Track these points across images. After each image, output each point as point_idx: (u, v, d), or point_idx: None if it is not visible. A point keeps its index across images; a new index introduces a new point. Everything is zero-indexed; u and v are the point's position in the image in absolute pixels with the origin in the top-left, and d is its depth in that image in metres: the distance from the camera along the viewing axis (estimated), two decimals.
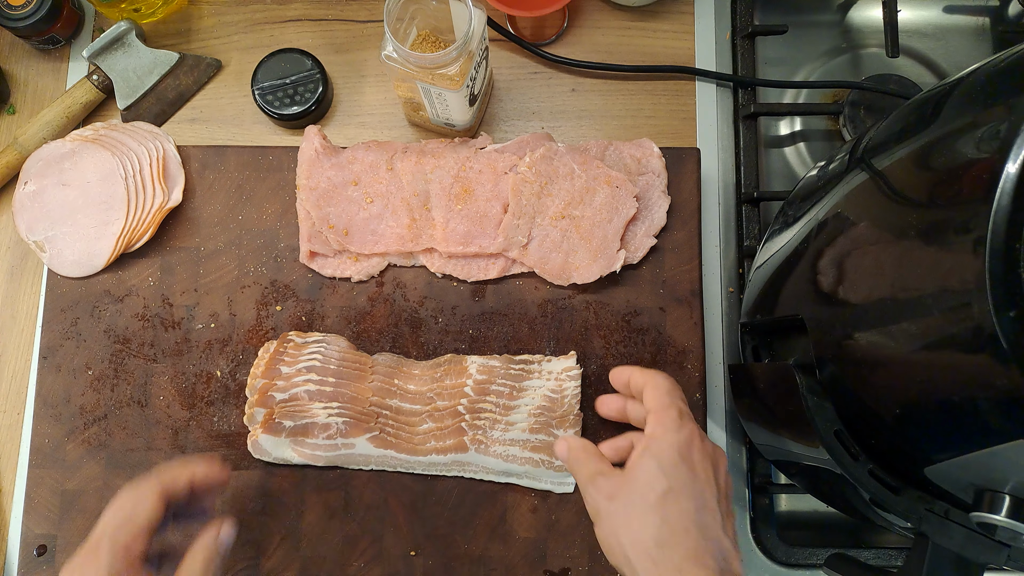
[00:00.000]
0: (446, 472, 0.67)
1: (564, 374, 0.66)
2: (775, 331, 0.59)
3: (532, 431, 0.66)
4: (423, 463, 0.66)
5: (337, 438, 0.65)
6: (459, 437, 0.66)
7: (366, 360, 0.67)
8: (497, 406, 0.66)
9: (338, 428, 0.65)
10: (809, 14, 0.82)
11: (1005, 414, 0.38)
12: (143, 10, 0.75)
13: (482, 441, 0.66)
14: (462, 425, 0.66)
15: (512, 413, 0.66)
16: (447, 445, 0.66)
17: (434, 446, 0.66)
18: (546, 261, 0.69)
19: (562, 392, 0.66)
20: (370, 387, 0.66)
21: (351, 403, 0.66)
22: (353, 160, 0.70)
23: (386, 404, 0.67)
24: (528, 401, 0.66)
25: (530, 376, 0.67)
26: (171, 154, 0.72)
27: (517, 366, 0.67)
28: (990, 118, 0.39)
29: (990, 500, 0.42)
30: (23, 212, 0.71)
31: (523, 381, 0.66)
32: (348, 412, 0.66)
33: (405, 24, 0.65)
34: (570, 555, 0.67)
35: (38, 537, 0.67)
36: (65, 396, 0.69)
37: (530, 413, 0.66)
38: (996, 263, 0.35)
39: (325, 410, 0.65)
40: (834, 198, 0.51)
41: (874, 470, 0.47)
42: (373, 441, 0.66)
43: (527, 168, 0.68)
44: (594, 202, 0.68)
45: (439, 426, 0.66)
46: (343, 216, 0.69)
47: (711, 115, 0.76)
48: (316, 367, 0.66)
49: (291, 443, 0.66)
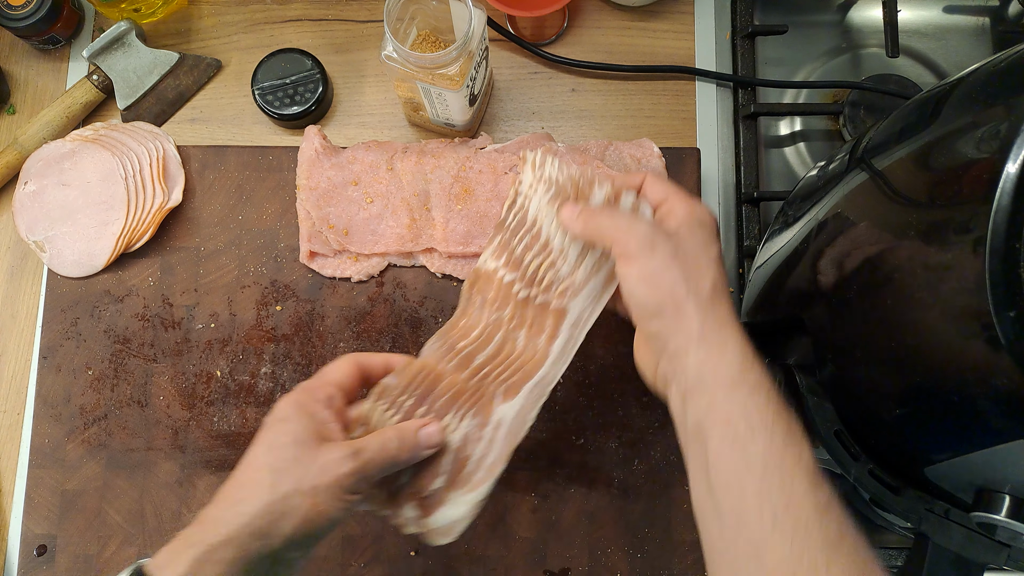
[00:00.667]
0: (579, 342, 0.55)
1: (538, 172, 0.56)
2: (775, 331, 0.59)
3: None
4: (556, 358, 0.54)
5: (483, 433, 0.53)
6: (548, 311, 0.55)
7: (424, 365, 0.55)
8: (539, 255, 0.55)
9: (473, 426, 0.53)
10: (809, 14, 0.82)
11: (1005, 414, 0.38)
12: (143, 10, 0.75)
13: (567, 289, 0.54)
14: (538, 302, 0.55)
15: (553, 241, 0.55)
16: (551, 326, 0.54)
17: (545, 337, 0.54)
18: None
19: (553, 180, 0.55)
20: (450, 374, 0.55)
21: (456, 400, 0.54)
22: (353, 160, 0.70)
23: (478, 365, 0.55)
24: (549, 221, 0.55)
25: (527, 207, 0.56)
26: (171, 154, 0.72)
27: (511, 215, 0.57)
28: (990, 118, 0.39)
29: (990, 500, 0.42)
30: (23, 212, 0.71)
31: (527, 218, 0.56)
32: (463, 408, 0.53)
33: (405, 24, 0.65)
34: (570, 555, 0.67)
35: (38, 537, 0.67)
36: (65, 396, 0.69)
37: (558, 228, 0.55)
38: (996, 263, 0.35)
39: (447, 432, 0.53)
40: (834, 198, 0.51)
41: (874, 470, 0.47)
42: (507, 397, 0.54)
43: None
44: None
45: (528, 324, 0.55)
46: (343, 216, 0.69)
47: (711, 115, 0.76)
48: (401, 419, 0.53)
49: (462, 491, 0.52)
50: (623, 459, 0.68)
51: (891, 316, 0.43)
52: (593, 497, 0.68)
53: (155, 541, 0.67)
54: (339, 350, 0.69)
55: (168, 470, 0.68)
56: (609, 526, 0.67)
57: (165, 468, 0.68)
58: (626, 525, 0.67)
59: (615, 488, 0.68)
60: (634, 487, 0.68)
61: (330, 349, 0.69)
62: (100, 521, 0.67)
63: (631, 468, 0.68)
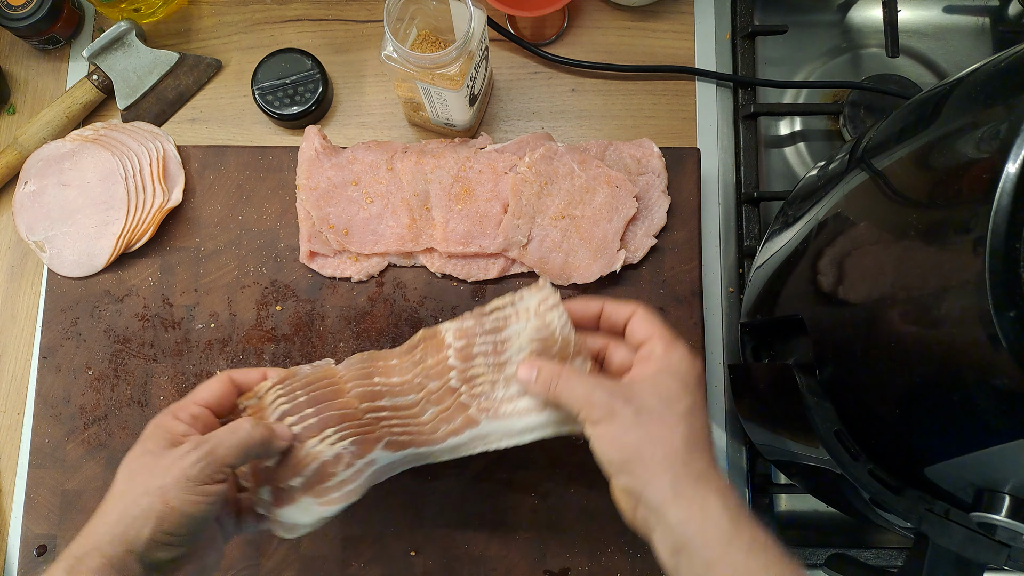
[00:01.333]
0: (471, 451, 0.59)
1: (542, 308, 0.58)
2: (775, 331, 0.59)
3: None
4: (446, 449, 0.59)
5: (355, 462, 0.56)
6: (464, 412, 0.58)
7: (333, 372, 0.59)
8: (488, 366, 0.58)
9: (348, 452, 0.56)
10: (809, 14, 0.82)
11: (1005, 414, 0.38)
12: (143, 10, 0.75)
13: (488, 408, 0.58)
14: (462, 400, 0.58)
15: (506, 367, 0.58)
16: (458, 425, 0.58)
17: (447, 429, 0.58)
18: (546, 261, 0.69)
19: (549, 327, 0.57)
20: (352, 396, 0.58)
21: (344, 421, 0.57)
22: (353, 160, 0.70)
23: (379, 406, 0.59)
24: (516, 349, 0.58)
25: (508, 323, 0.59)
26: (171, 154, 0.72)
27: (491, 317, 0.59)
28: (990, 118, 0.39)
29: (990, 500, 0.42)
30: (23, 212, 0.71)
31: (504, 331, 0.58)
32: (347, 431, 0.57)
33: (405, 24, 0.65)
34: (570, 555, 0.67)
35: (38, 537, 0.67)
36: (65, 396, 0.69)
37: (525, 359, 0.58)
38: (996, 263, 0.35)
39: (323, 442, 0.56)
40: (834, 198, 0.51)
41: (874, 470, 0.47)
42: (389, 447, 0.58)
43: (527, 168, 0.68)
44: (594, 202, 0.68)
45: (441, 409, 0.59)
46: (343, 216, 0.69)
47: (711, 115, 0.76)
48: (287, 408, 0.56)
49: (314, 500, 0.56)
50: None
51: (891, 316, 0.43)
52: (593, 497, 0.68)
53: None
54: (339, 350, 0.69)
55: None
56: (609, 526, 0.67)
57: None
58: (626, 525, 0.67)
59: None
60: None
61: (330, 349, 0.69)
62: None
63: None
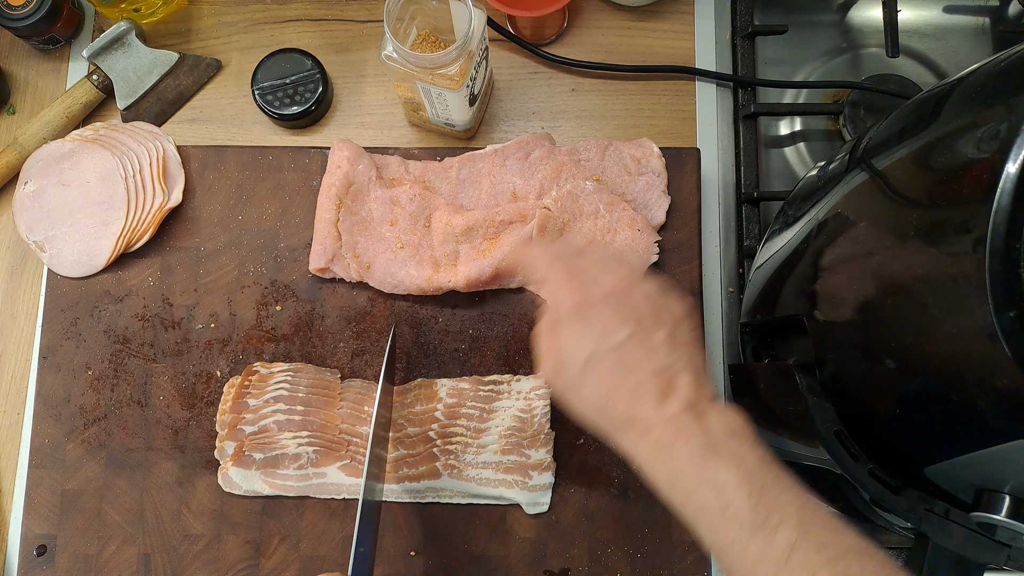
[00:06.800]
0: (420, 499, 0.66)
1: (533, 393, 0.66)
2: (775, 331, 0.59)
3: (503, 452, 0.66)
4: (395, 491, 0.66)
5: (308, 468, 0.65)
6: (431, 463, 0.66)
7: (335, 386, 0.67)
8: (468, 429, 0.66)
9: (308, 458, 0.65)
10: (809, 14, 0.82)
11: (1005, 414, 0.38)
12: (143, 10, 0.75)
13: (455, 466, 0.66)
14: (434, 451, 0.66)
15: (483, 435, 0.66)
16: (419, 472, 0.66)
17: (405, 473, 0.66)
18: None
19: (531, 412, 0.66)
20: (339, 414, 0.66)
21: (320, 431, 0.65)
22: (397, 202, 0.69)
23: (356, 432, 0.66)
24: (498, 422, 0.66)
25: (499, 397, 0.67)
26: (171, 154, 0.72)
27: (487, 387, 0.67)
28: (990, 118, 0.39)
29: (990, 500, 0.42)
30: (23, 212, 0.71)
31: (493, 403, 0.66)
32: (318, 441, 0.65)
33: (405, 24, 0.65)
34: (570, 555, 0.67)
35: (38, 537, 0.67)
36: (65, 396, 0.69)
37: (501, 435, 0.66)
38: (996, 263, 0.35)
39: (295, 440, 0.65)
40: (834, 198, 0.51)
41: (874, 470, 0.47)
42: (344, 470, 0.65)
43: (553, 202, 0.67)
44: (614, 243, 0.68)
45: (410, 453, 0.66)
46: (371, 250, 0.69)
47: (711, 115, 0.76)
48: (284, 396, 0.66)
49: (262, 475, 0.65)
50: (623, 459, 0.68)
51: (891, 316, 0.43)
52: (593, 497, 0.68)
53: (155, 541, 0.67)
54: (339, 350, 0.69)
55: (168, 470, 0.68)
56: (609, 526, 0.67)
57: (165, 468, 0.68)
58: (626, 525, 0.67)
59: (615, 488, 0.68)
60: (634, 487, 0.68)
61: (330, 349, 0.69)
62: (100, 521, 0.67)
63: (631, 468, 0.68)
